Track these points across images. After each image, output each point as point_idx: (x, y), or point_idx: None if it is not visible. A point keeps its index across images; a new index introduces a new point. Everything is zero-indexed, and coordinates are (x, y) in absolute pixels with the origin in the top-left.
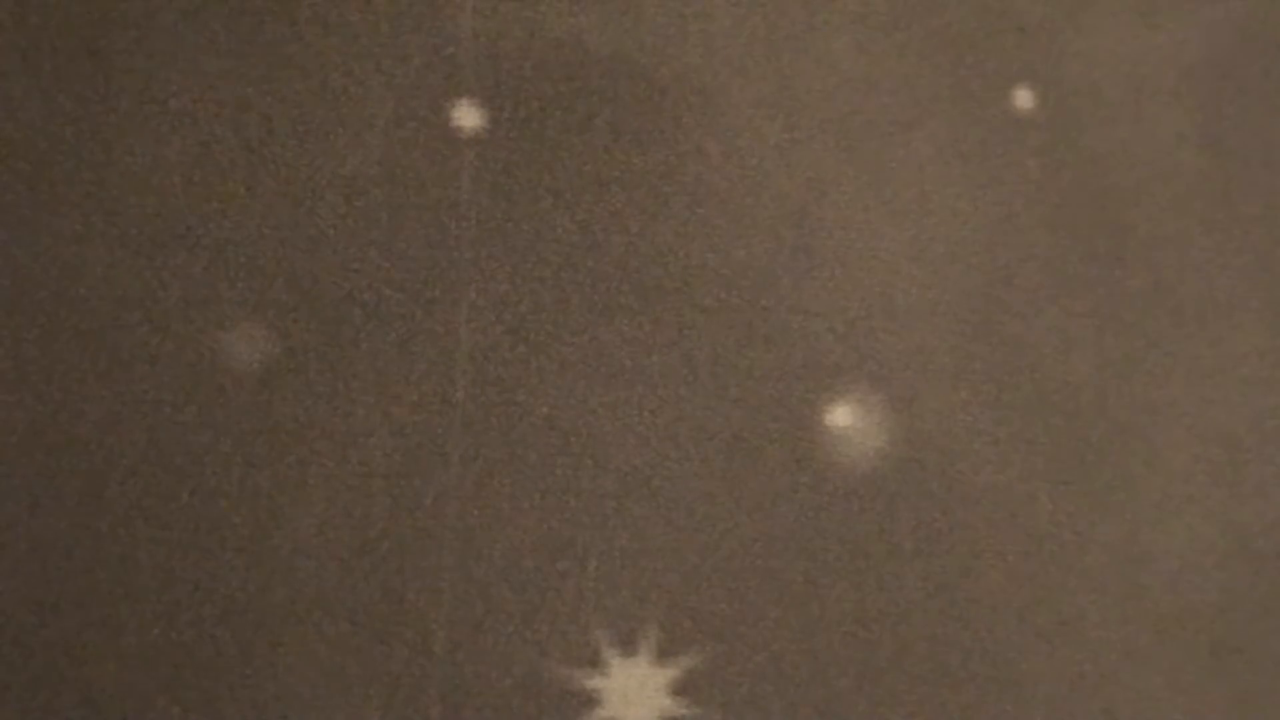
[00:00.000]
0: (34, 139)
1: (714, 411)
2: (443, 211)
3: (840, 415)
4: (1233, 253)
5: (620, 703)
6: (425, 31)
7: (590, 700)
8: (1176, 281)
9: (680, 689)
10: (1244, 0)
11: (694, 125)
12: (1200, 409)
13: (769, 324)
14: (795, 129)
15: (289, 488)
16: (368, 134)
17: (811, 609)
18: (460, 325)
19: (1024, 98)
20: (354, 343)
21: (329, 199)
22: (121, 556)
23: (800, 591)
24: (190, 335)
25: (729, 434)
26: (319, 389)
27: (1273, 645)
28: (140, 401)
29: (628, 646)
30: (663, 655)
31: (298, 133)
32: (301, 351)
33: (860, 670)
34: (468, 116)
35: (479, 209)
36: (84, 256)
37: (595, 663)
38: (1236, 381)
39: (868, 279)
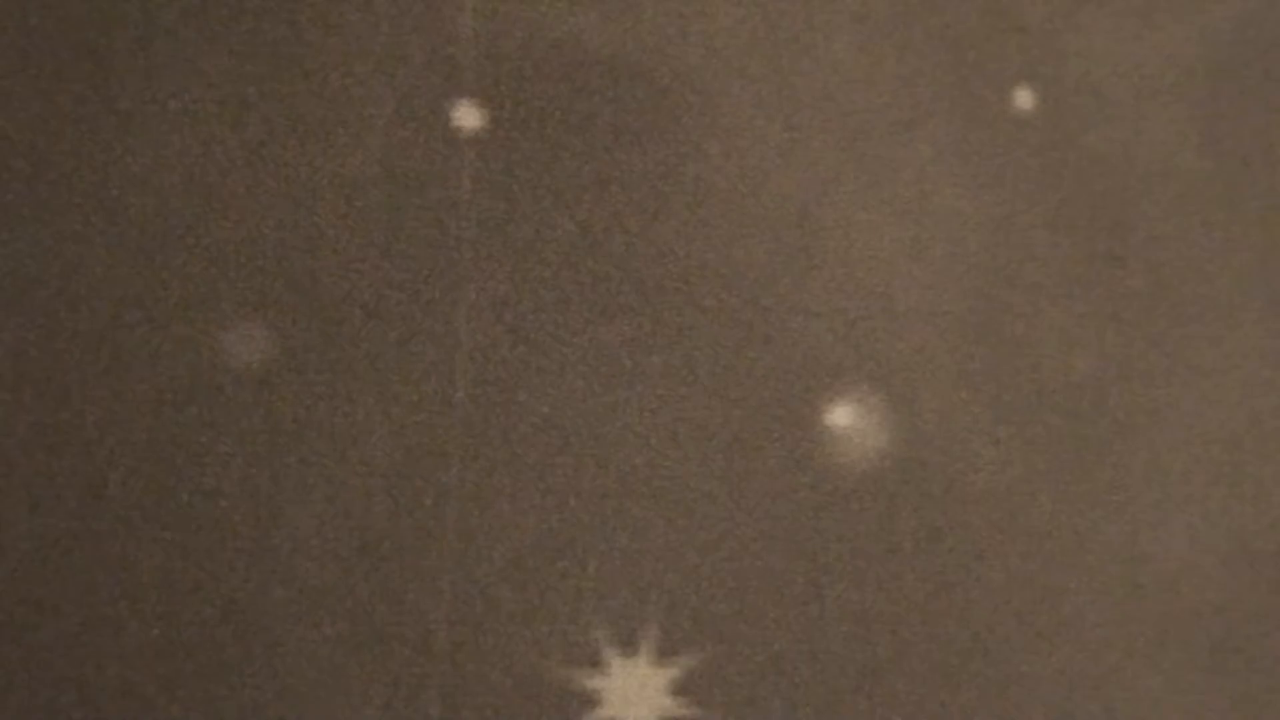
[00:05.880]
0: (34, 139)
1: (714, 411)
2: (443, 211)
3: (840, 415)
4: (1233, 253)
5: (620, 703)
6: (425, 31)
7: (590, 700)
8: (1176, 281)
9: (680, 689)
10: (1244, 0)
11: (694, 125)
12: (1200, 409)
13: (769, 324)
14: (795, 129)
15: (289, 488)
16: (368, 134)
17: (811, 609)
18: (460, 325)
19: (1024, 98)
20: (354, 343)
21: (329, 199)
22: (121, 556)
23: (800, 591)
24: (190, 335)
25: (729, 434)
26: (319, 389)
27: (1273, 645)
28: (140, 401)
29: (628, 646)
30: (663, 655)
31: (298, 133)
32: (301, 351)
33: (860, 670)
34: (468, 116)
35: (479, 209)
36: (84, 256)
37: (595, 663)
38: (1236, 381)
39: (868, 279)
